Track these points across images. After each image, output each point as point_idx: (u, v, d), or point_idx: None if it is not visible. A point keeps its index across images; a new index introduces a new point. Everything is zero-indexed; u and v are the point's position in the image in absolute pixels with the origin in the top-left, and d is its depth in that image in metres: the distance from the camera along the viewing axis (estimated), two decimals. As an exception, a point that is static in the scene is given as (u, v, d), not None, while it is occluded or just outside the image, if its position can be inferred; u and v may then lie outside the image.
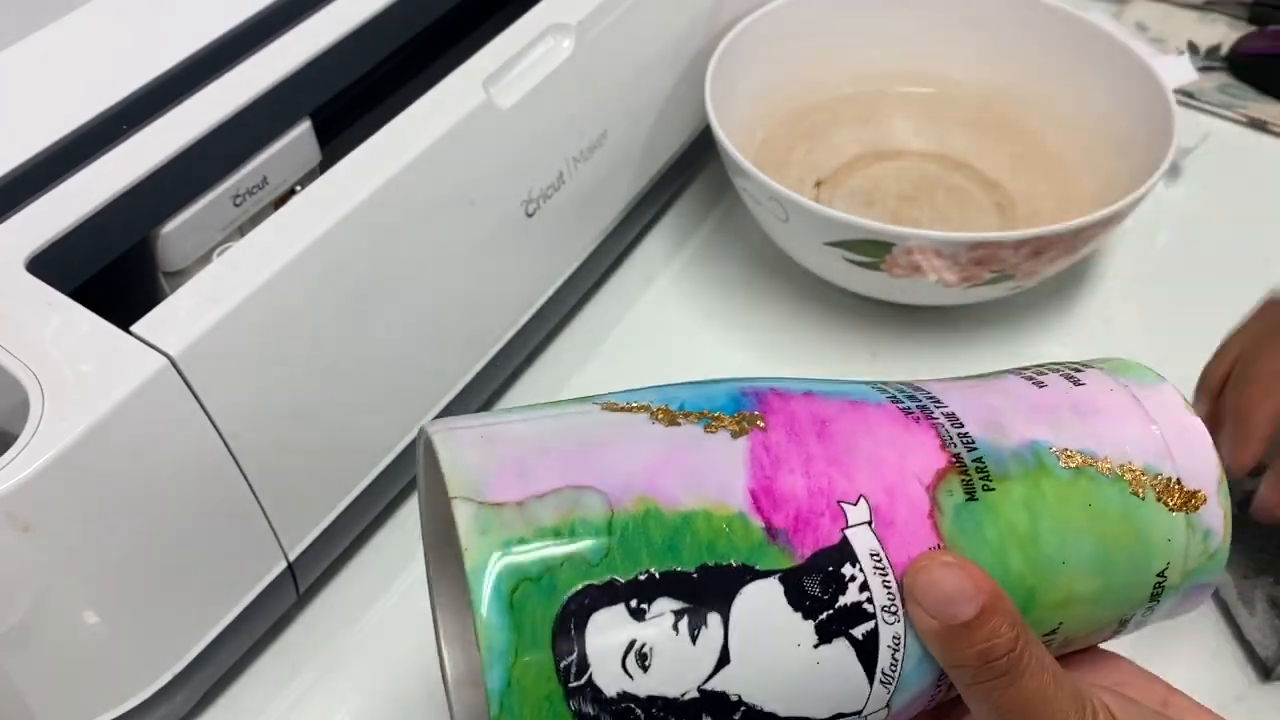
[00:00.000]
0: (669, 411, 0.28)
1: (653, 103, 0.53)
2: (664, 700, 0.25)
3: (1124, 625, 0.31)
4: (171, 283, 0.39)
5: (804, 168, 0.60)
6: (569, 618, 0.24)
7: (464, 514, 0.25)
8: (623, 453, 0.27)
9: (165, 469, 0.34)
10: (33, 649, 0.33)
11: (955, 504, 0.28)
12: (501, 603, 0.24)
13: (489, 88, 0.42)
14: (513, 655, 0.24)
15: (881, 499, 0.27)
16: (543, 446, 0.27)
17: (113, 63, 0.40)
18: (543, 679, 0.24)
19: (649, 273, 0.57)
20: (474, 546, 0.24)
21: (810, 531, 0.26)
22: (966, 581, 0.26)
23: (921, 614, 0.26)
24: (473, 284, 0.44)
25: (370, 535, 0.46)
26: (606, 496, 0.26)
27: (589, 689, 0.24)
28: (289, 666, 0.43)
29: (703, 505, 0.26)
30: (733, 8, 0.57)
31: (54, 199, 0.36)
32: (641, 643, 0.25)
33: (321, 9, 0.43)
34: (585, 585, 0.25)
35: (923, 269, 0.48)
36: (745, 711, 0.26)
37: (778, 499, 0.27)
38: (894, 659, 0.27)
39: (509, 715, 0.24)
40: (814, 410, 0.29)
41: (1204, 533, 0.30)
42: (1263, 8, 0.70)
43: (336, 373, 0.39)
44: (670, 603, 0.25)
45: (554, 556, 0.25)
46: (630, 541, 0.25)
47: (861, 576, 0.26)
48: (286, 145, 0.41)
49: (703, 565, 0.25)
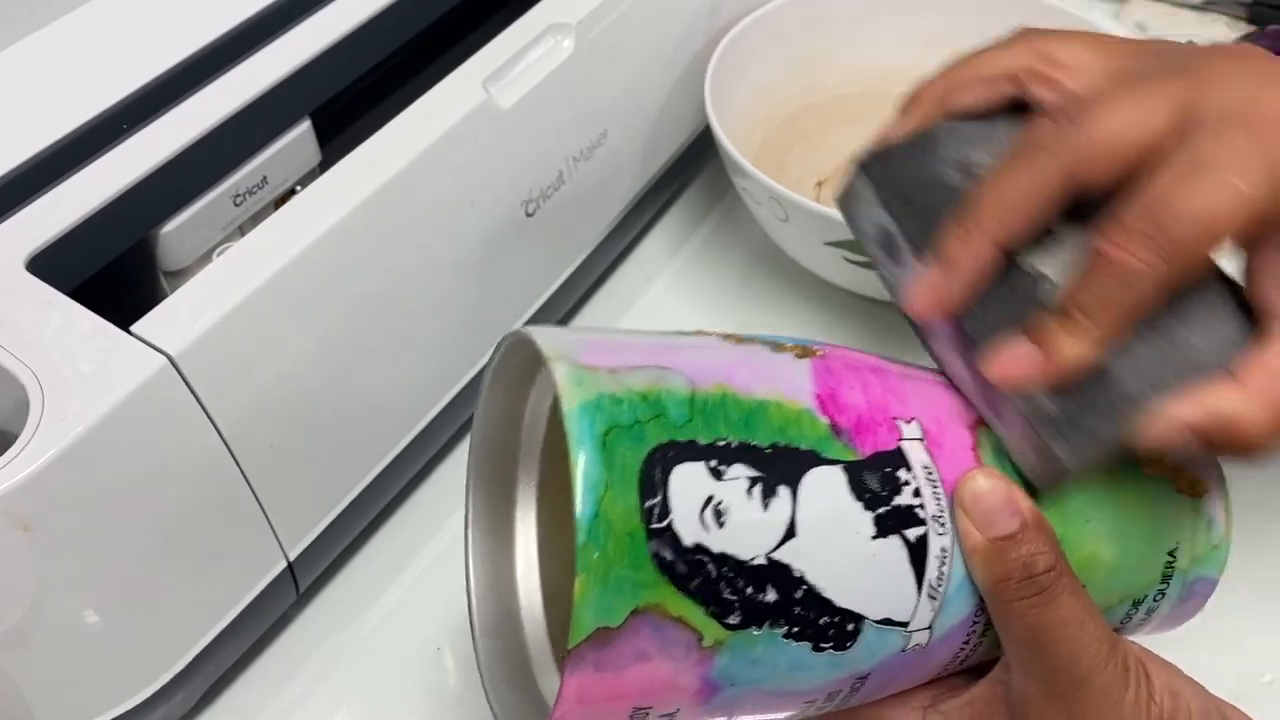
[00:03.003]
0: (737, 336, 0.30)
1: (653, 103, 0.53)
2: (735, 560, 0.26)
3: (1136, 608, 0.31)
4: (171, 283, 0.39)
5: (804, 168, 0.60)
6: (655, 465, 0.26)
7: (561, 369, 0.26)
8: (698, 354, 0.29)
9: (165, 469, 0.34)
10: (33, 649, 0.33)
11: (994, 444, 0.30)
12: (595, 440, 0.25)
13: (489, 88, 0.42)
14: (603, 489, 0.25)
15: (931, 425, 0.29)
16: (625, 341, 0.29)
17: (113, 63, 0.40)
18: (628, 516, 0.25)
19: (649, 272, 0.57)
20: (571, 394, 0.26)
21: (870, 434, 0.28)
22: (1010, 497, 0.28)
23: (969, 527, 0.28)
24: (472, 284, 0.44)
25: (370, 535, 0.46)
26: (688, 378, 0.27)
27: (669, 533, 0.25)
28: (289, 666, 0.43)
29: (775, 396, 0.28)
30: (732, 8, 0.56)
31: (54, 199, 0.36)
32: (719, 499, 0.26)
33: (321, 9, 0.43)
34: (670, 440, 0.26)
35: (923, 269, 0.48)
36: (806, 591, 0.27)
37: (841, 404, 0.28)
38: (940, 572, 0.28)
39: (594, 544, 0.25)
40: (865, 359, 0.31)
41: (1208, 520, 0.31)
42: (1262, 8, 0.70)
43: (336, 372, 0.39)
44: (746, 469, 0.26)
45: (643, 411, 0.26)
46: (710, 414, 0.27)
47: (915, 483, 0.28)
48: (286, 145, 0.41)
49: (774, 444, 0.27)
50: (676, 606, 0.25)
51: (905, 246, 0.32)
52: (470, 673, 0.42)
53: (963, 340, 0.30)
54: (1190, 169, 0.27)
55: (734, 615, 0.26)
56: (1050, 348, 0.28)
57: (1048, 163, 0.29)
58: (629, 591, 0.25)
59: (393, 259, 0.40)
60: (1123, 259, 0.27)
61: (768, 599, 0.26)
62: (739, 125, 0.56)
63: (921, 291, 0.30)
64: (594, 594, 0.25)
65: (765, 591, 0.26)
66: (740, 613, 0.26)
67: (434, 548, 0.46)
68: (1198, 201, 0.27)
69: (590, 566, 0.24)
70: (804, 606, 0.27)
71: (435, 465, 0.49)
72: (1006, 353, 0.29)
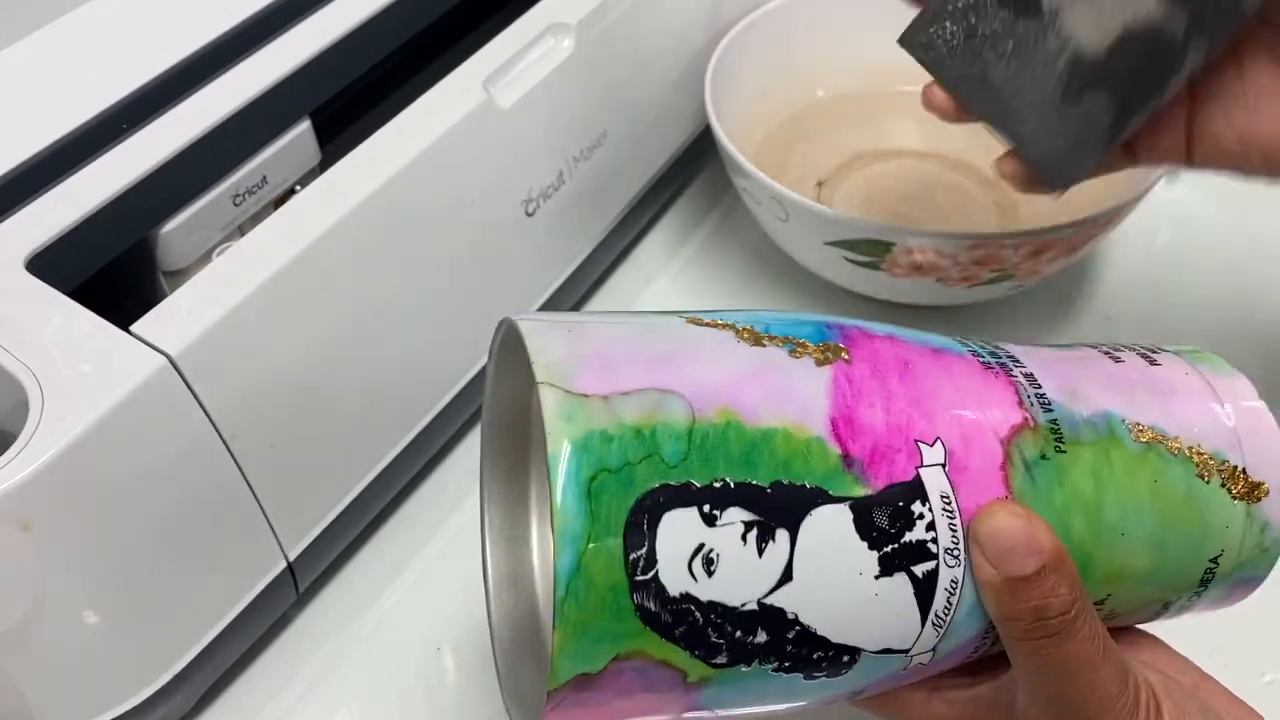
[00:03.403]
0: (754, 333, 0.28)
1: (653, 103, 0.53)
2: (724, 608, 0.25)
3: (1167, 608, 0.31)
4: (171, 282, 0.39)
5: (804, 168, 0.60)
6: (643, 513, 0.24)
7: (550, 400, 0.25)
8: (707, 364, 0.27)
9: (165, 469, 0.34)
10: (33, 649, 0.33)
11: (1027, 461, 0.28)
12: (579, 489, 0.24)
13: (489, 88, 0.42)
14: (585, 540, 0.24)
15: (957, 445, 0.27)
16: (629, 348, 0.27)
17: (113, 63, 0.40)
18: (611, 568, 0.24)
19: (649, 272, 0.57)
20: (557, 431, 0.25)
21: (885, 465, 0.27)
22: (1031, 536, 0.26)
23: (983, 562, 0.27)
24: (472, 284, 0.44)
25: (370, 535, 0.46)
26: (689, 403, 0.26)
27: (654, 585, 0.24)
28: (289, 666, 0.43)
29: (783, 424, 0.26)
30: (732, 8, 0.56)
31: (54, 199, 0.36)
32: (710, 548, 0.25)
33: (321, 9, 0.43)
34: (661, 484, 0.25)
35: (923, 269, 0.48)
36: (799, 632, 0.26)
37: (857, 429, 0.27)
38: (949, 603, 0.27)
39: (574, 599, 0.24)
40: (897, 351, 0.29)
41: (1262, 524, 0.30)
42: (1263, 7, 0.70)
43: (336, 372, 0.39)
44: (742, 513, 0.25)
45: (634, 452, 0.25)
46: (709, 450, 0.25)
47: (930, 516, 0.27)
48: (286, 145, 0.41)
49: (777, 482, 0.26)
50: (660, 651, 0.25)
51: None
52: (470, 673, 0.42)
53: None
54: None
55: (721, 656, 0.25)
56: None
57: None
58: (609, 641, 0.24)
59: (392, 259, 0.40)
60: None
61: (757, 640, 0.26)
62: (739, 125, 0.56)
63: None
64: (572, 645, 0.24)
65: (755, 634, 0.25)
66: (728, 654, 0.25)
67: (434, 548, 0.46)
68: None
69: (567, 620, 0.24)
70: (796, 644, 0.26)
71: (435, 465, 0.49)
72: None
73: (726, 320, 0.29)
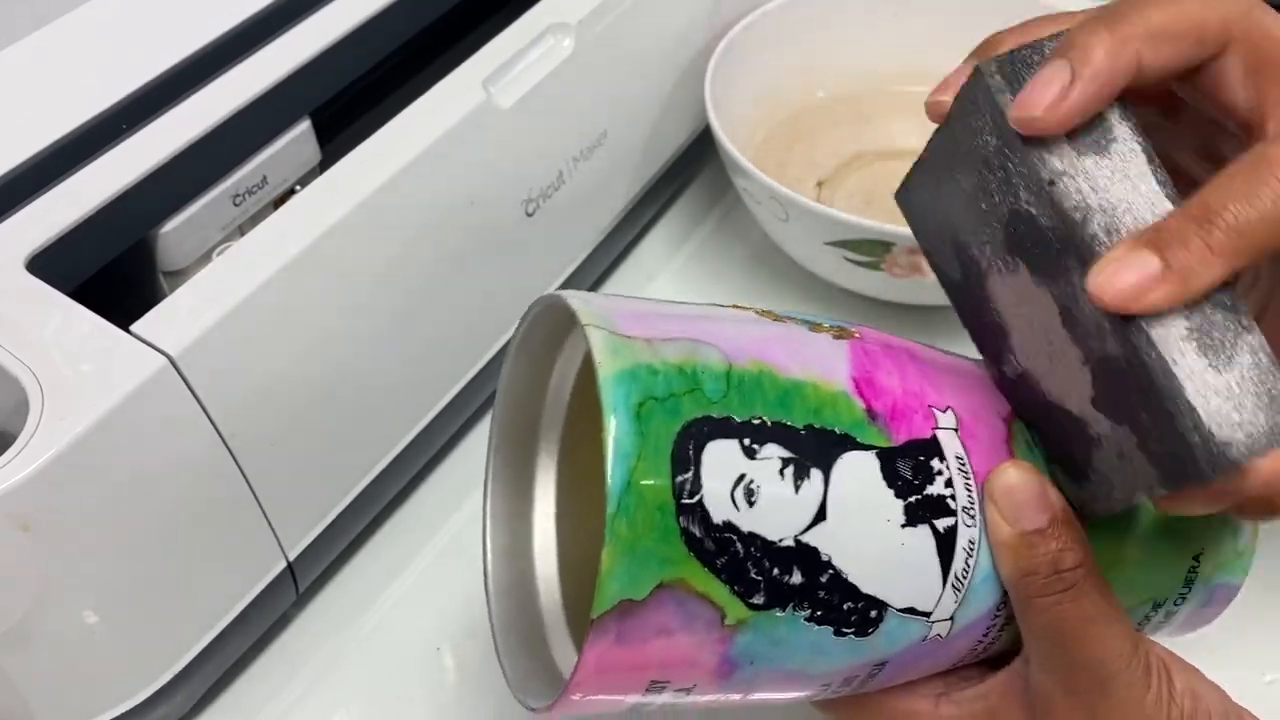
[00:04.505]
0: (773, 313, 0.30)
1: (653, 103, 0.53)
2: (763, 540, 0.26)
3: (1156, 610, 0.31)
4: (171, 283, 0.39)
5: (804, 168, 0.60)
6: (689, 440, 0.25)
7: (598, 337, 0.26)
8: (735, 328, 0.28)
9: (165, 469, 0.34)
10: (33, 649, 0.33)
11: (1027, 439, 0.30)
12: (630, 410, 0.25)
13: (489, 88, 0.42)
14: (635, 459, 0.25)
15: (966, 414, 0.29)
16: (661, 310, 0.28)
17: (113, 63, 0.40)
18: (659, 489, 0.25)
19: (649, 272, 0.57)
20: (607, 362, 0.25)
21: (905, 421, 0.28)
22: (1042, 491, 0.27)
23: (997, 519, 0.28)
24: (472, 284, 0.44)
25: (370, 535, 0.46)
26: (723, 353, 0.27)
27: (699, 510, 0.25)
28: (289, 666, 0.43)
29: (810, 378, 0.27)
30: (732, 7, 0.56)
31: (54, 199, 0.36)
32: (750, 478, 0.26)
33: (321, 9, 0.43)
34: (704, 415, 0.26)
35: (923, 269, 0.48)
36: (832, 576, 0.27)
37: (878, 389, 0.28)
38: (966, 565, 0.28)
39: (623, 515, 0.24)
40: (900, 343, 0.31)
41: (1234, 527, 0.31)
42: (1263, 7, 0.70)
43: (336, 372, 0.39)
44: (779, 449, 0.26)
45: (679, 384, 0.26)
46: (746, 390, 0.26)
47: (947, 473, 0.28)
48: (286, 145, 0.41)
49: (810, 425, 0.27)
50: (702, 583, 0.25)
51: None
52: (470, 673, 0.42)
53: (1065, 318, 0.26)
54: None
55: (758, 595, 0.26)
56: (1178, 260, 0.24)
57: None
58: (655, 565, 0.25)
59: (392, 259, 0.40)
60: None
61: (793, 581, 0.26)
62: (739, 125, 0.56)
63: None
64: (620, 565, 0.24)
65: (791, 573, 0.26)
66: (765, 593, 0.26)
67: (434, 548, 0.46)
68: None
69: (618, 537, 0.24)
70: (829, 591, 0.27)
71: (435, 465, 0.49)
72: (1130, 263, 0.24)
73: (743, 306, 0.30)
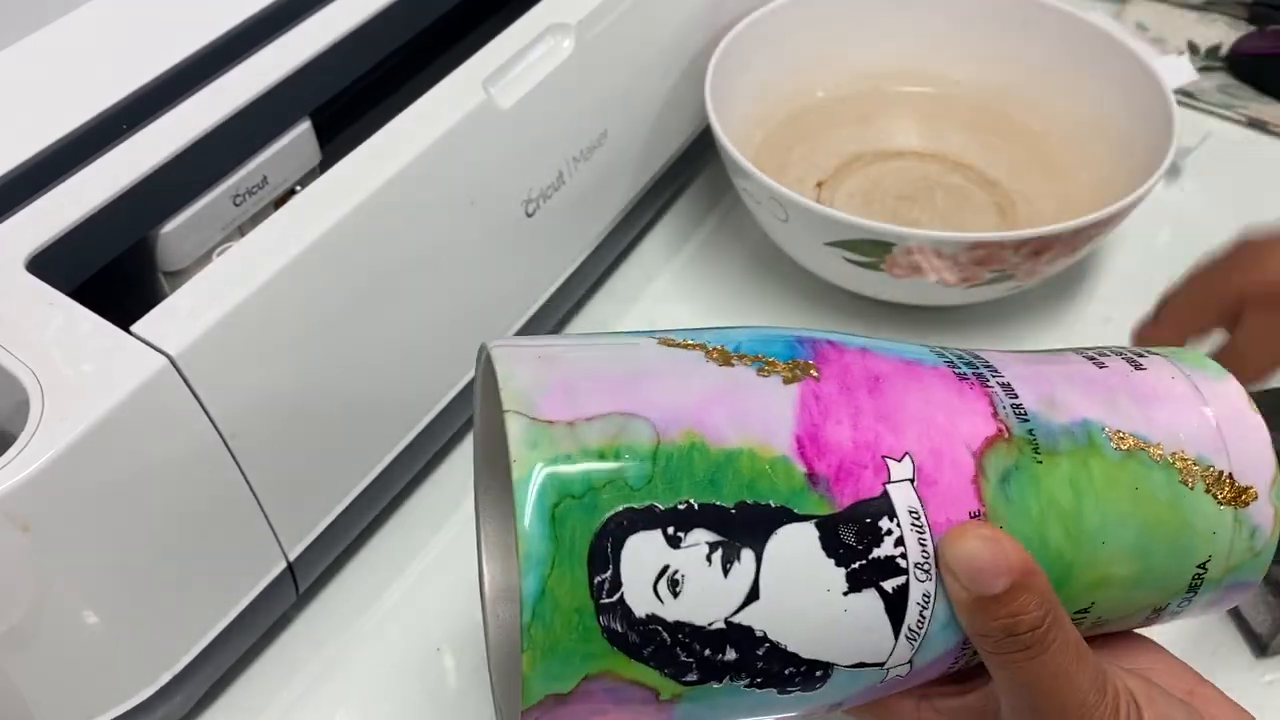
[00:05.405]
0: (724, 352, 0.29)
1: (653, 103, 0.53)
2: (691, 627, 0.25)
3: (1159, 613, 0.31)
4: (171, 283, 0.39)
5: (804, 168, 0.60)
6: (607, 536, 0.25)
7: (515, 427, 0.26)
8: (673, 386, 0.27)
9: (165, 469, 0.34)
10: (33, 649, 0.33)
11: (1001, 472, 0.28)
12: (544, 514, 0.25)
13: (489, 88, 0.42)
14: (549, 565, 0.24)
15: (926, 459, 0.28)
16: (596, 372, 0.27)
17: (113, 63, 0.40)
18: (576, 592, 0.25)
19: (649, 272, 0.57)
20: (522, 459, 0.25)
21: (851, 482, 0.27)
22: (1000, 556, 0.27)
23: (953, 581, 0.27)
24: (473, 284, 0.44)
25: (370, 535, 0.46)
26: (654, 426, 0.26)
27: (619, 607, 0.25)
28: (289, 666, 0.43)
29: (748, 444, 0.26)
30: (732, 8, 0.57)
31: (54, 199, 0.36)
32: (675, 569, 0.25)
33: (321, 9, 0.43)
34: (625, 508, 0.25)
35: (923, 269, 0.48)
36: (769, 649, 0.26)
37: (822, 447, 0.27)
38: (921, 616, 0.27)
39: (540, 622, 0.24)
40: (868, 365, 0.29)
41: (1251, 529, 0.30)
42: (1262, 8, 0.70)
43: (336, 373, 0.39)
44: (706, 534, 0.25)
45: (598, 477, 0.25)
46: (673, 472, 0.26)
47: (898, 532, 0.27)
48: (286, 145, 0.41)
49: (741, 502, 0.26)
50: (629, 671, 0.25)
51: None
52: (470, 673, 0.42)
53: None
54: None
55: (691, 674, 0.26)
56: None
57: None
58: (578, 662, 0.25)
59: (392, 259, 0.40)
60: None
61: (727, 658, 0.26)
62: (739, 125, 0.56)
63: None
64: (541, 666, 0.24)
65: (724, 652, 0.26)
66: (698, 671, 0.26)
67: (434, 548, 0.46)
68: None
69: (534, 642, 0.24)
70: (767, 660, 0.26)
71: (435, 465, 0.49)
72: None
73: (698, 340, 0.29)
